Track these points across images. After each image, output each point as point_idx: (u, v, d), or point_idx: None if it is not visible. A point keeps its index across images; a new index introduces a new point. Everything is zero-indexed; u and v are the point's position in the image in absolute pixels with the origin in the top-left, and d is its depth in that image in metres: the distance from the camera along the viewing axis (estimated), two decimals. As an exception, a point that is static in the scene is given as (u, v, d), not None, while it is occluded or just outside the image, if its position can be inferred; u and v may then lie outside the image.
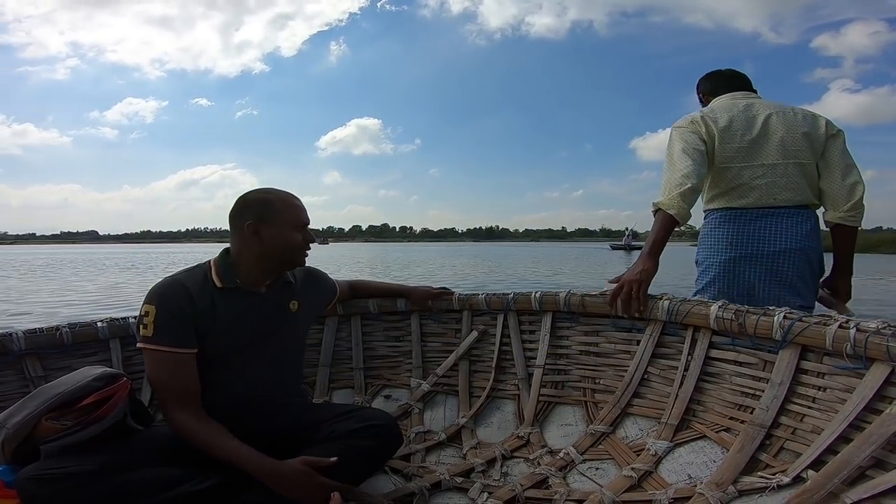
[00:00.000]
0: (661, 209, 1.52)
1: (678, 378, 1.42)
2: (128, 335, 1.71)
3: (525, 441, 1.53)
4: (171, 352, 1.16)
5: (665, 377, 1.47)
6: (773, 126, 1.58)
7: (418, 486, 1.28)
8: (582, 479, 1.32)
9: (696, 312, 1.40)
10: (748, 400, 1.29)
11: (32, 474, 0.99)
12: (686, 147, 1.57)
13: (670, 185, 1.53)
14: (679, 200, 1.49)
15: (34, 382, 1.52)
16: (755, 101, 1.66)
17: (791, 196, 1.57)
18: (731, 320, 1.31)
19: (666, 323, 1.49)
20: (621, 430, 1.46)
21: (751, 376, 1.30)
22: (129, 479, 1.04)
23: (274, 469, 1.09)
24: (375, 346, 1.96)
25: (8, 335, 1.54)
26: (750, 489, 1.09)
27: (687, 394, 1.38)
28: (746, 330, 1.28)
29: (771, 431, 1.19)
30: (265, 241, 1.26)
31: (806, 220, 1.57)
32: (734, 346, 1.36)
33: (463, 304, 1.87)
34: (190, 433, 1.13)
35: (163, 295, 1.18)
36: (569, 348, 1.71)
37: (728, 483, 1.11)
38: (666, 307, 1.46)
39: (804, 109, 1.63)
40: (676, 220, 1.51)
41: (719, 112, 1.63)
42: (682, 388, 1.40)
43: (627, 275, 1.52)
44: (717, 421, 1.31)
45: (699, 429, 1.33)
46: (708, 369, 1.39)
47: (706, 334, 1.41)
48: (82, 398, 1.13)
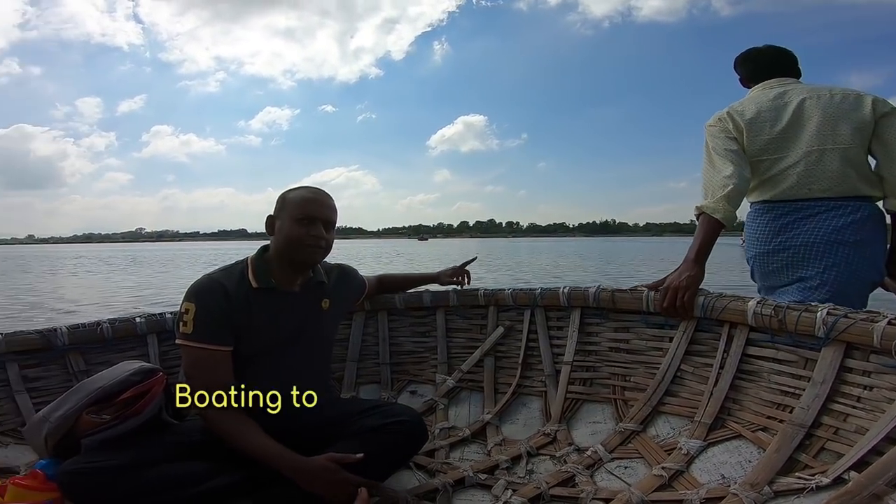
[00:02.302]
0: (704, 213, 1.46)
1: (713, 376, 1.38)
2: (164, 330, 1.77)
3: (551, 438, 1.50)
4: (208, 349, 1.19)
5: (699, 375, 1.43)
6: (808, 112, 1.49)
7: (442, 482, 1.27)
8: (610, 477, 1.29)
9: (732, 308, 1.36)
10: (787, 399, 1.24)
11: (72, 468, 1.04)
12: (718, 147, 1.52)
13: (713, 187, 1.48)
14: (724, 203, 1.44)
15: (76, 377, 1.59)
16: (790, 88, 1.56)
17: (829, 186, 1.46)
18: (771, 316, 1.26)
19: (700, 319, 1.45)
20: (652, 428, 1.42)
21: (791, 374, 1.26)
22: (161, 473, 1.08)
23: (300, 465, 1.10)
24: (401, 342, 1.96)
25: (53, 330, 1.61)
26: (787, 490, 1.05)
27: (722, 392, 1.34)
28: (787, 326, 1.24)
29: (811, 431, 1.15)
30: (276, 234, 1.28)
31: (849, 213, 1.45)
32: (773, 344, 1.31)
33: (489, 299, 1.85)
34: (222, 428, 1.15)
35: (201, 293, 1.20)
36: (598, 345, 1.67)
37: (763, 483, 1.07)
38: (700, 303, 1.42)
39: (846, 89, 1.51)
40: (722, 224, 1.45)
41: (747, 104, 1.56)
42: (717, 386, 1.36)
43: (672, 280, 1.47)
44: (753, 420, 1.27)
45: (734, 428, 1.29)
46: (744, 367, 1.35)
47: (743, 331, 1.36)
48: (121, 392, 1.18)
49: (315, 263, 1.33)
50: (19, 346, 1.56)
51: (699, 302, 1.43)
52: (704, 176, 1.54)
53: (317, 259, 1.31)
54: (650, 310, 1.54)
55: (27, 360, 1.58)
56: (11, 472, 1.28)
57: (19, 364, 1.56)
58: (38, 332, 1.59)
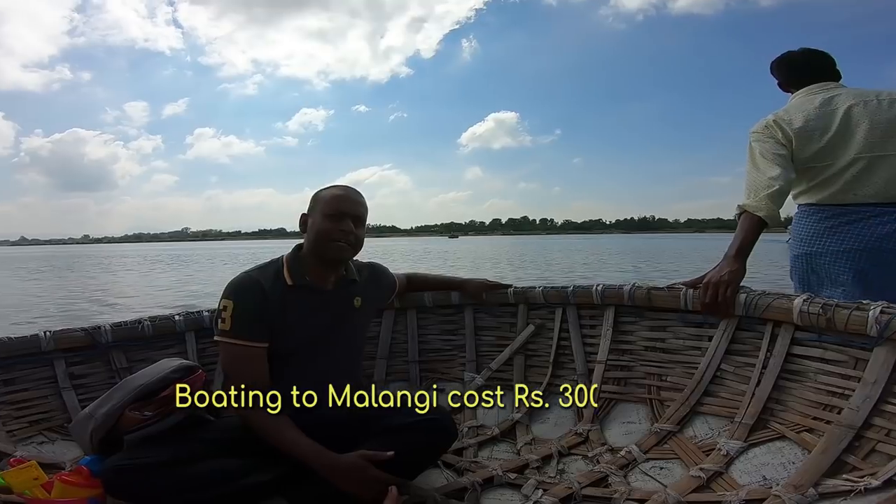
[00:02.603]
0: (746, 211, 1.46)
1: (755, 376, 1.35)
2: (201, 328, 1.81)
3: (584, 438, 1.48)
4: (246, 345, 1.21)
5: (740, 375, 1.40)
6: (856, 118, 1.48)
7: (470, 480, 1.26)
8: (644, 478, 1.27)
9: (776, 306, 1.32)
10: (835, 399, 1.20)
11: (115, 464, 1.07)
12: (765, 151, 1.51)
13: (757, 187, 1.47)
14: (767, 202, 1.44)
15: (119, 374, 1.64)
16: (835, 94, 1.53)
17: (876, 192, 1.45)
18: (819, 315, 1.22)
19: (742, 318, 1.42)
20: (689, 429, 1.39)
21: (839, 374, 1.22)
22: (198, 469, 1.10)
23: (332, 462, 1.12)
24: (430, 340, 1.97)
25: (97, 328, 1.67)
26: (832, 492, 1.02)
27: (765, 392, 1.31)
28: (836, 325, 1.20)
29: (861, 433, 1.11)
30: (308, 231, 1.30)
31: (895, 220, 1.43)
32: (820, 343, 1.27)
33: (519, 297, 1.83)
34: (256, 423, 1.18)
35: (239, 291, 1.23)
36: (633, 344, 1.64)
37: (808, 485, 1.05)
38: (743, 301, 1.38)
39: (894, 93, 1.48)
40: (764, 222, 1.44)
41: (794, 112, 1.54)
42: (760, 386, 1.33)
43: (711, 276, 1.44)
44: (798, 421, 1.24)
45: (777, 429, 1.25)
46: (789, 367, 1.31)
47: (788, 330, 1.32)
48: (162, 389, 1.21)
49: (344, 259, 1.34)
50: (66, 343, 1.62)
51: (741, 300, 1.38)
52: (748, 177, 1.52)
53: (346, 255, 1.31)
54: (688, 308, 1.50)
55: (73, 357, 1.64)
56: (57, 468, 1.33)
57: (66, 361, 1.63)
58: (84, 330, 1.65)
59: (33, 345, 1.57)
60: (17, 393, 1.53)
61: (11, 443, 1.43)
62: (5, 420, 1.48)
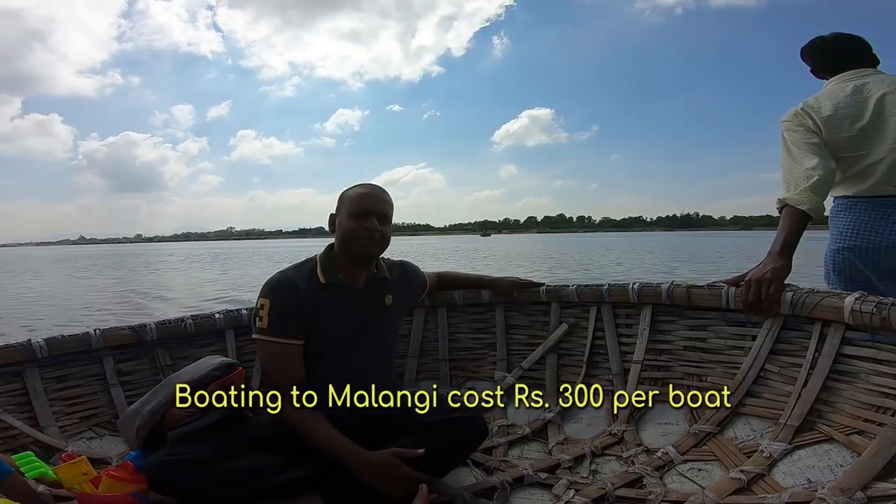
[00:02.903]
0: (787, 205, 1.41)
1: (802, 376, 1.31)
2: (240, 326, 1.86)
3: (618, 439, 1.45)
4: (282, 343, 1.24)
5: (785, 375, 1.35)
6: (890, 106, 1.41)
7: (500, 479, 1.26)
8: (681, 479, 1.24)
9: (826, 305, 1.27)
10: (889, 401, 1.15)
11: (158, 460, 1.11)
12: (797, 141, 1.45)
13: (796, 179, 1.42)
14: (809, 194, 1.38)
15: (163, 371, 1.72)
16: (868, 80, 1.46)
17: None
18: (872, 314, 1.17)
19: (788, 317, 1.37)
20: (730, 430, 1.36)
21: (893, 376, 1.17)
22: (238, 465, 1.13)
23: (365, 459, 1.14)
24: (460, 338, 1.96)
25: (143, 326, 1.74)
26: (882, 496, 0.98)
27: (812, 393, 1.27)
28: (891, 324, 1.14)
29: None
30: (336, 230, 1.32)
31: None
32: (873, 343, 1.21)
33: (551, 295, 1.81)
34: (292, 419, 1.20)
35: (276, 290, 1.26)
36: (671, 343, 1.61)
37: (856, 488, 1.01)
38: (789, 299, 1.33)
39: None
40: (808, 215, 1.38)
41: (823, 100, 1.47)
42: (807, 387, 1.29)
43: (755, 273, 1.39)
44: (847, 423, 1.19)
45: (825, 431, 1.21)
46: (838, 367, 1.26)
47: (838, 329, 1.27)
48: (204, 387, 1.24)
49: (371, 256, 1.35)
50: (114, 341, 1.70)
51: (787, 298, 1.33)
52: (784, 170, 1.47)
53: (372, 252, 1.32)
54: (730, 307, 1.46)
55: (120, 354, 1.72)
56: (105, 463, 1.40)
57: (114, 358, 1.71)
58: (130, 328, 1.73)
59: (84, 342, 1.65)
60: (68, 389, 1.62)
61: (63, 438, 1.52)
62: (58, 416, 1.56)
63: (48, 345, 1.58)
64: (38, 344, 1.57)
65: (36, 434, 1.47)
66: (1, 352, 1.53)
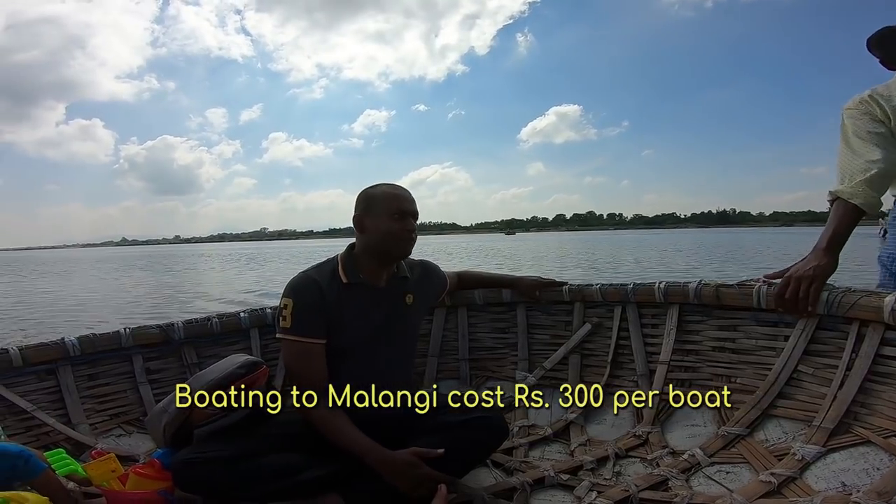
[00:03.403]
0: (839, 198, 1.32)
1: (837, 378, 1.27)
2: (264, 325, 1.88)
3: (643, 440, 1.43)
4: (305, 342, 1.25)
5: (820, 376, 1.31)
6: None
7: (520, 480, 1.25)
8: (708, 482, 1.21)
9: (864, 305, 1.23)
10: None
11: (184, 458, 1.13)
12: (860, 130, 1.35)
13: (852, 171, 1.34)
14: (864, 188, 1.30)
15: (190, 369, 1.74)
16: None
17: None
18: None
19: (823, 317, 1.32)
20: (760, 432, 1.32)
21: None
22: (262, 463, 1.15)
23: (384, 458, 1.14)
24: (481, 338, 1.95)
25: (171, 325, 1.77)
26: None
27: (848, 395, 1.23)
28: None
29: None
30: (368, 231, 1.31)
31: None
32: None
33: (575, 295, 1.79)
34: (315, 418, 1.22)
35: (299, 289, 1.27)
36: (699, 344, 1.57)
37: (894, 492, 0.97)
38: (825, 299, 1.29)
39: None
40: (861, 211, 1.30)
41: (895, 88, 1.38)
42: (843, 388, 1.25)
43: (797, 269, 1.32)
44: (886, 425, 1.15)
45: (861, 433, 1.17)
46: (877, 368, 1.22)
47: (877, 329, 1.23)
48: (229, 385, 1.25)
49: (408, 255, 1.38)
50: (143, 339, 1.74)
51: (822, 298, 1.29)
52: (841, 160, 1.39)
53: (410, 251, 1.36)
54: (762, 306, 1.42)
55: (149, 353, 1.76)
56: (132, 461, 1.42)
57: (143, 357, 1.75)
58: (159, 327, 1.77)
59: (114, 341, 1.69)
60: (99, 387, 1.67)
61: (93, 435, 1.56)
62: (89, 413, 1.61)
63: (80, 343, 1.63)
64: (71, 342, 1.61)
65: (68, 431, 1.52)
66: (35, 350, 1.57)
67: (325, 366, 1.27)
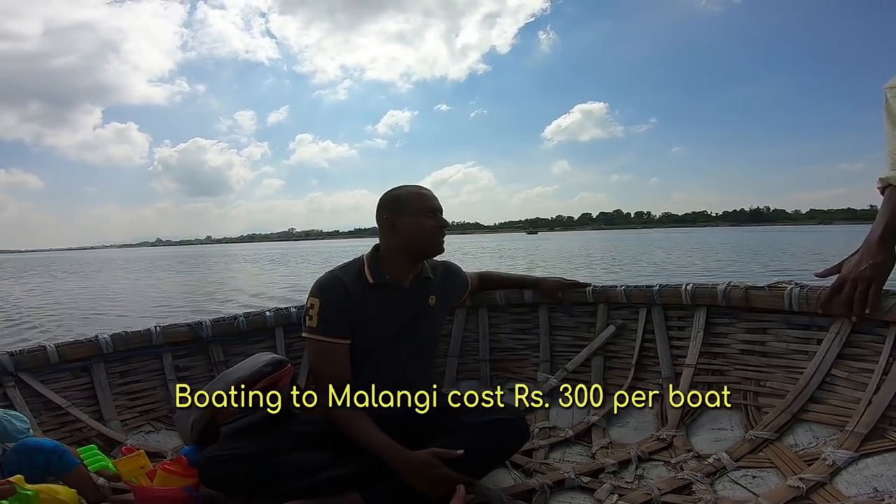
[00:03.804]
0: (891, 185, 1.17)
1: (873, 382, 1.23)
2: (289, 323, 1.92)
3: (667, 444, 1.40)
4: (331, 342, 1.27)
5: (855, 381, 1.28)
6: None
7: (539, 482, 1.24)
8: (734, 486, 1.19)
9: None
10: None
11: (209, 455, 1.15)
12: None
13: None
14: None
15: (217, 367, 1.78)
16: None
17: None
18: None
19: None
20: (790, 437, 1.30)
21: None
22: (283, 461, 1.16)
23: (404, 458, 1.14)
24: (501, 339, 1.94)
25: (199, 324, 1.81)
26: None
27: (884, 400, 1.19)
28: None
29: None
30: (401, 231, 1.32)
31: None
32: None
33: (598, 296, 1.77)
34: (337, 417, 1.23)
35: (325, 289, 1.29)
36: (727, 347, 1.54)
37: None
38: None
39: None
40: None
41: None
42: (879, 393, 1.21)
43: (850, 269, 1.21)
44: None
45: None
46: None
47: None
48: (255, 383, 1.27)
49: (442, 252, 1.40)
50: (173, 337, 1.79)
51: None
52: (890, 144, 1.25)
53: (443, 248, 1.38)
54: (793, 308, 1.38)
55: (178, 350, 1.81)
56: (160, 457, 1.46)
57: (172, 354, 1.79)
58: (188, 325, 1.81)
59: (146, 339, 1.74)
60: (130, 384, 1.72)
61: (124, 431, 1.61)
62: (120, 409, 1.66)
63: (113, 341, 1.68)
64: (105, 340, 1.67)
65: (100, 427, 1.56)
66: (71, 347, 1.63)
67: (348, 366, 1.28)
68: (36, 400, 1.53)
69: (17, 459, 1.09)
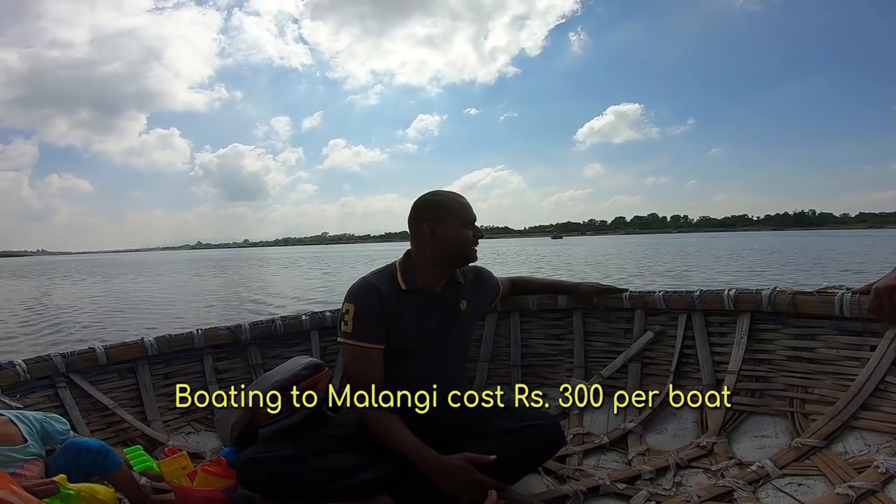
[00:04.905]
0: None
1: None
2: (324, 327, 1.95)
3: (707, 451, 1.36)
4: (365, 347, 1.28)
5: None
6: None
7: (573, 489, 1.22)
8: (778, 494, 1.15)
9: None
10: None
11: (248, 457, 1.17)
12: None
13: None
14: None
15: (255, 370, 1.82)
16: None
17: None
18: None
19: None
20: (839, 444, 1.25)
21: None
22: (318, 464, 1.17)
23: (437, 462, 1.15)
24: (533, 344, 1.92)
25: (238, 327, 1.85)
26: None
27: None
28: None
29: None
30: (440, 239, 1.32)
31: None
32: None
33: (636, 302, 1.73)
34: (370, 420, 1.24)
35: (359, 295, 1.30)
36: (772, 353, 1.49)
37: None
38: None
39: None
40: None
41: None
42: None
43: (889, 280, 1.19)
44: None
45: None
46: None
47: None
48: (292, 386, 1.29)
49: (475, 261, 1.43)
50: (213, 340, 1.83)
51: None
52: None
53: (475, 256, 1.41)
54: (845, 314, 1.33)
55: (218, 353, 1.85)
56: (199, 458, 1.49)
57: (213, 357, 1.83)
58: (227, 329, 1.85)
59: (188, 341, 1.79)
60: (172, 385, 1.76)
61: (166, 432, 1.64)
62: (162, 410, 1.70)
63: (157, 343, 1.72)
64: (150, 342, 1.71)
65: (143, 428, 1.60)
66: (119, 349, 1.67)
67: (381, 370, 1.29)
68: (84, 401, 1.57)
69: (65, 459, 1.12)
